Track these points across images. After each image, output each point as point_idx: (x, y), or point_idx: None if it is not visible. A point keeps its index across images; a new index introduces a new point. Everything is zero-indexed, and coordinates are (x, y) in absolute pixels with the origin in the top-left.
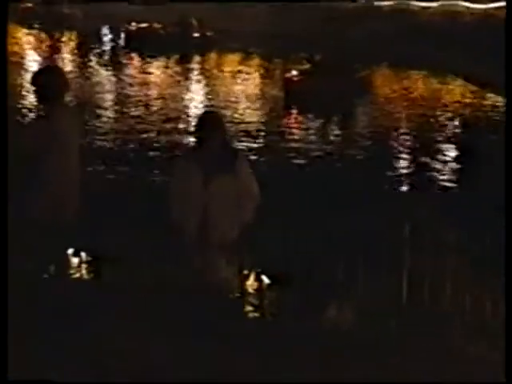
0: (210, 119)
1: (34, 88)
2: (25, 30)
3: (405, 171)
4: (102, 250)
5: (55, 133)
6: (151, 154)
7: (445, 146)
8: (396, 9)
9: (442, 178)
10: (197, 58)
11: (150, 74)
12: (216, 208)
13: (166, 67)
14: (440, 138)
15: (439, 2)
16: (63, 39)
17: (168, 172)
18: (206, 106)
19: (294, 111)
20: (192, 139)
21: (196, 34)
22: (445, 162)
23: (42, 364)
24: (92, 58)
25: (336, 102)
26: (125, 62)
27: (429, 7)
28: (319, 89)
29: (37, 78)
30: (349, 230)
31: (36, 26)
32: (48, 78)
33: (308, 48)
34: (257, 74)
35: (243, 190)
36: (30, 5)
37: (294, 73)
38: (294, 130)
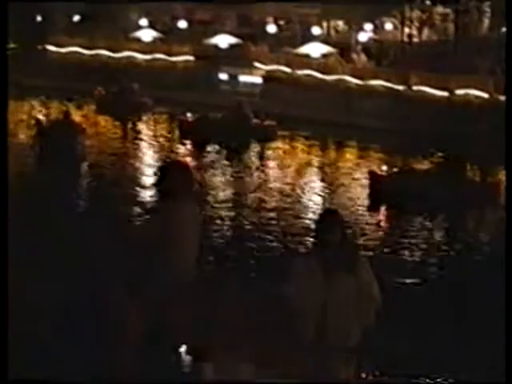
0: (331, 218)
1: (158, 182)
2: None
3: None
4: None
5: (174, 227)
6: (267, 251)
7: None
8: None
9: None
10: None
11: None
12: (335, 308)
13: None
14: None
15: None
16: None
17: (286, 272)
18: (319, 203)
19: (385, 210)
20: (312, 237)
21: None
22: None
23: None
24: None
25: (449, 206)
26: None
27: None
28: (432, 189)
29: (163, 172)
30: (464, 334)
31: (110, 112)
32: (174, 173)
33: (425, 144)
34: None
35: (363, 291)
36: (102, 92)
37: (384, 168)
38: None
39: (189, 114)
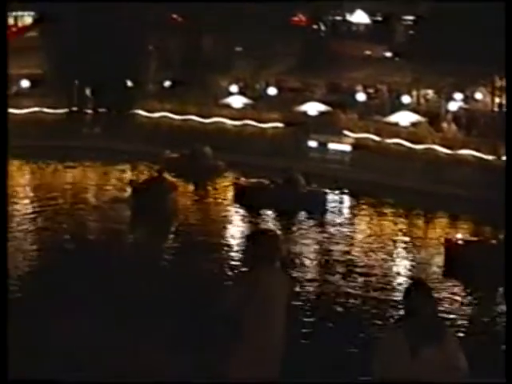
0: (420, 290)
1: (247, 249)
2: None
3: None
4: None
5: (263, 294)
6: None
7: None
8: None
9: None
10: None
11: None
12: (423, 381)
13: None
14: None
15: None
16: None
17: (375, 345)
18: (400, 272)
19: (457, 281)
20: (400, 309)
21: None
22: None
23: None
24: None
25: None
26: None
27: None
28: None
29: (252, 239)
30: None
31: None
32: (263, 241)
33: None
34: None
35: (450, 364)
36: (174, 155)
37: (460, 236)
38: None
39: (243, 179)
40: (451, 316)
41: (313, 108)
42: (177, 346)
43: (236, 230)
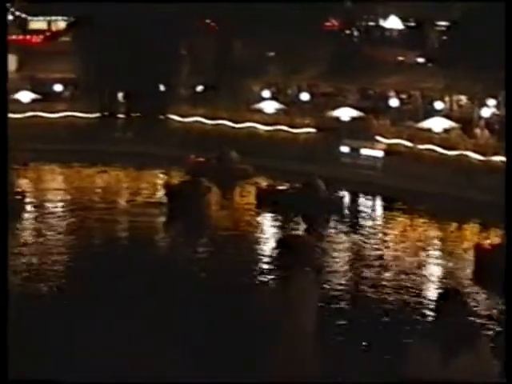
0: (453, 295)
1: (279, 252)
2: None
3: None
4: None
5: (293, 297)
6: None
7: None
8: None
9: None
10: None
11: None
12: None
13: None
14: None
15: None
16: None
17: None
18: (432, 278)
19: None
20: (432, 313)
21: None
22: None
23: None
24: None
25: None
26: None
27: None
28: None
29: (283, 245)
30: None
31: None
32: (294, 246)
33: None
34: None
35: (482, 370)
36: (201, 159)
37: (489, 241)
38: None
39: (264, 183)
40: (483, 321)
41: (345, 113)
42: (205, 348)
43: (263, 233)
